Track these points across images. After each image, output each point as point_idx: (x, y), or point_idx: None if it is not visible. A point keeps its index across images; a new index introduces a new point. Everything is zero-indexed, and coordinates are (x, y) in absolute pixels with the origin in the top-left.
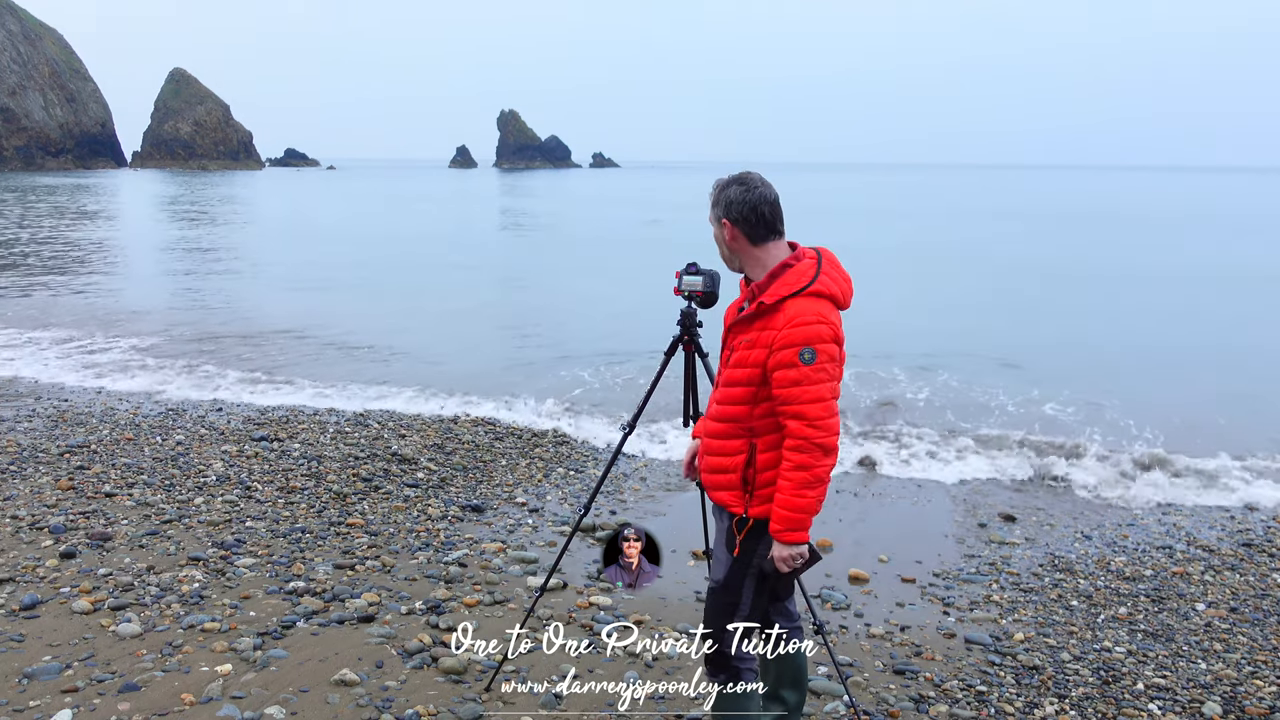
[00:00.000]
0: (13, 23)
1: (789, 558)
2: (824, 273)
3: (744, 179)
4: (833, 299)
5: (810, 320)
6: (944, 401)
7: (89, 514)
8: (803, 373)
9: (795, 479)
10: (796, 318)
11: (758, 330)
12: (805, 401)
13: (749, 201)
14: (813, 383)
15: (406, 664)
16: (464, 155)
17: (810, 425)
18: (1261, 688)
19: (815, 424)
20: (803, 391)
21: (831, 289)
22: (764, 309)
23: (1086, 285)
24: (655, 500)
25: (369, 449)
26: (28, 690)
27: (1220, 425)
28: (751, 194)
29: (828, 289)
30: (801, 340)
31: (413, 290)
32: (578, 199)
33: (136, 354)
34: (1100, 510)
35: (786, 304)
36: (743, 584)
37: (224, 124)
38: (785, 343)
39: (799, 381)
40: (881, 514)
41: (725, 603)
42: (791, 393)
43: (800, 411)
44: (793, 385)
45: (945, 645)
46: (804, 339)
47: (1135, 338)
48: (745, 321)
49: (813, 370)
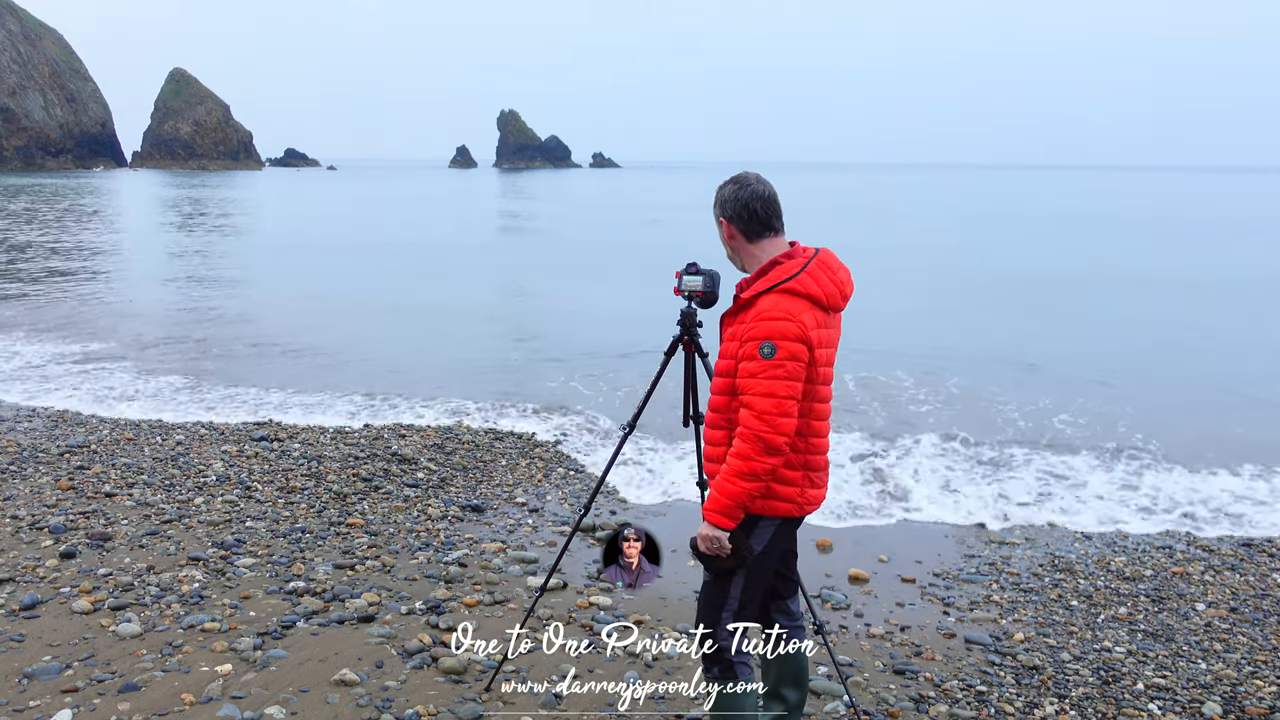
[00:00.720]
0: (13, 23)
1: (707, 538)
2: (808, 272)
3: (739, 178)
4: (811, 298)
5: (776, 316)
6: (949, 404)
7: (89, 514)
8: (760, 366)
9: (731, 466)
10: (764, 313)
11: (737, 324)
12: (756, 394)
13: (742, 199)
14: (768, 377)
15: (406, 664)
16: (464, 155)
17: (757, 418)
18: (1261, 688)
19: (762, 418)
20: (755, 384)
21: (811, 288)
22: (743, 304)
23: (1089, 289)
24: (655, 500)
25: (369, 449)
26: (28, 690)
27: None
28: (744, 191)
29: (806, 288)
30: (763, 335)
31: (413, 291)
32: (579, 201)
33: (137, 377)
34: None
35: (760, 299)
36: (732, 577)
37: (224, 124)
38: (749, 336)
39: (754, 374)
40: (882, 513)
41: (715, 595)
42: (746, 384)
43: (749, 403)
44: (749, 377)
45: (945, 645)
46: (765, 334)
47: (1138, 338)
48: (730, 315)
49: (770, 365)
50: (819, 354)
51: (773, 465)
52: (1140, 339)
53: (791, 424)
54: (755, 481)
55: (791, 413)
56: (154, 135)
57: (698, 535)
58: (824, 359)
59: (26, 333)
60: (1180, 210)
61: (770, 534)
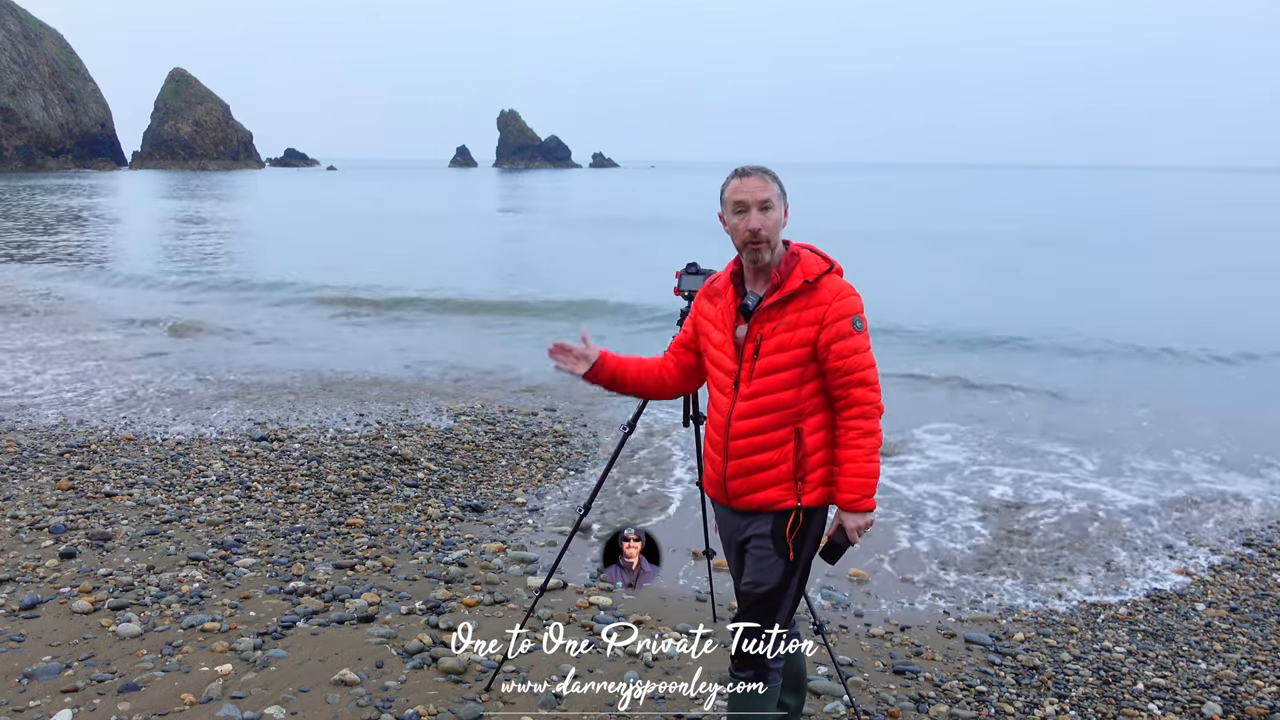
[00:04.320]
0: (13, 23)
1: (863, 526)
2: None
3: (739, 171)
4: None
5: (851, 294)
6: (957, 400)
7: (89, 514)
8: (859, 341)
9: (867, 445)
10: (840, 292)
11: (795, 311)
12: (866, 367)
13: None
14: (868, 349)
15: (406, 664)
16: (464, 155)
17: (873, 390)
18: (1261, 688)
19: (875, 388)
20: (862, 359)
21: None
22: (802, 289)
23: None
24: (655, 500)
25: (369, 449)
26: (28, 690)
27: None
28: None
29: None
30: (852, 311)
31: (411, 293)
32: (580, 202)
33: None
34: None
35: (823, 281)
36: (791, 582)
37: (224, 124)
38: (838, 314)
39: (858, 349)
40: (882, 513)
41: (775, 603)
42: (853, 361)
43: (864, 378)
44: (854, 354)
45: (945, 645)
46: (853, 309)
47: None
48: (777, 307)
49: (864, 338)
50: None
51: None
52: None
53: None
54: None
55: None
56: (154, 135)
57: (849, 528)
58: None
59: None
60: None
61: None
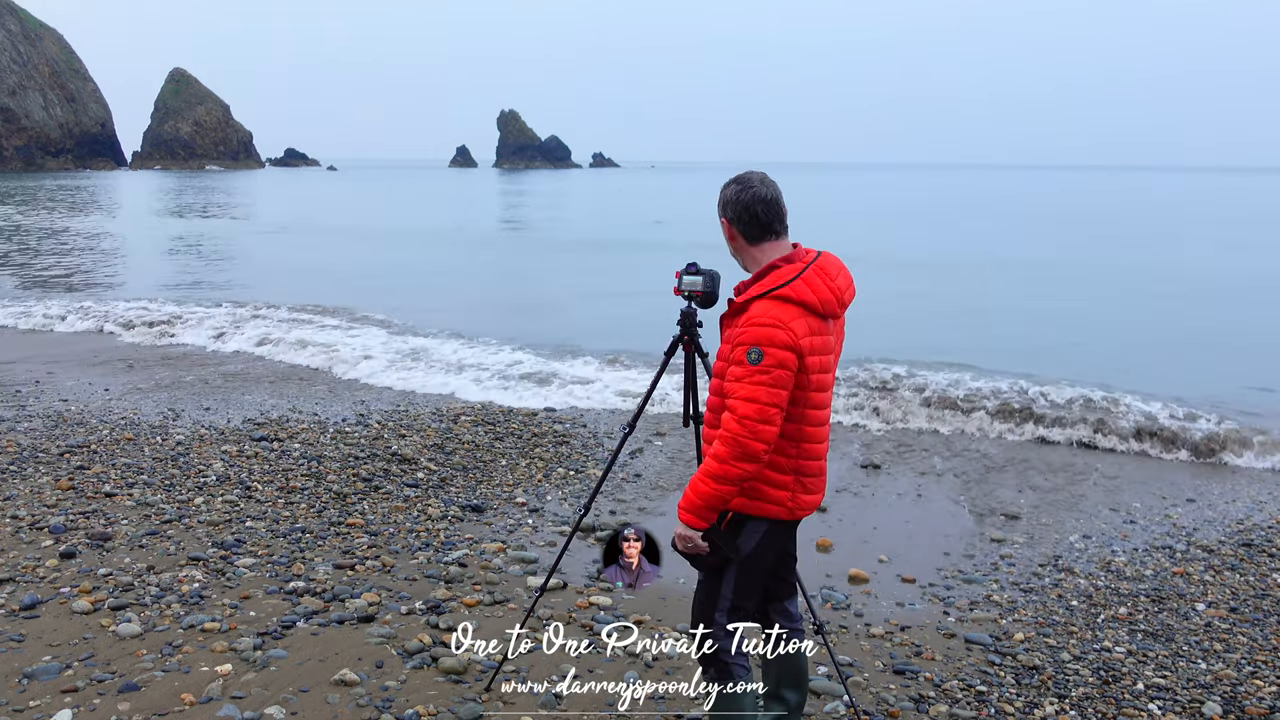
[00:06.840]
0: (13, 23)
1: (681, 537)
2: (804, 278)
3: (742, 179)
4: (805, 304)
5: (766, 322)
6: (951, 399)
7: (89, 514)
8: (746, 371)
9: (706, 466)
10: (755, 318)
11: (732, 328)
12: (739, 398)
13: (743, 201)
14: (752, 383)
15: (406, 664)
16: (464, 155)
17: (737, 422)
18: (1261, 688)
19: (742, 422)
20: (739, 388)
21: (805, 294)
22: (737, 308)
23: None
24: (655, 500)
25: (369, 449)
26: (28, 690)
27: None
28: (746, 193)
29: (799, 294)
30: (752, 340)
31: (410, 294)
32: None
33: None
34: (1100, 510)
35: (753, 304)
36: (724, 576)
37: (224, 124)
38: (739, 340)
39: (740, 379)
40: (882, 513)
41: (708, 595)
42: (731, 387)
43: (732, 406)
44: (735, 381)
45: (945, 645)
46: (754, 339)
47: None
48: (727, 318)
49: (756, 371)
50: (810, 361)
51: (747, 471)
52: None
53: (772, 431)
54: (727, 485)
55: (773, 420)
56: (154, 135)
57: (674, 534)
58: (817, 366)
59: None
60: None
61: (760, 535)
